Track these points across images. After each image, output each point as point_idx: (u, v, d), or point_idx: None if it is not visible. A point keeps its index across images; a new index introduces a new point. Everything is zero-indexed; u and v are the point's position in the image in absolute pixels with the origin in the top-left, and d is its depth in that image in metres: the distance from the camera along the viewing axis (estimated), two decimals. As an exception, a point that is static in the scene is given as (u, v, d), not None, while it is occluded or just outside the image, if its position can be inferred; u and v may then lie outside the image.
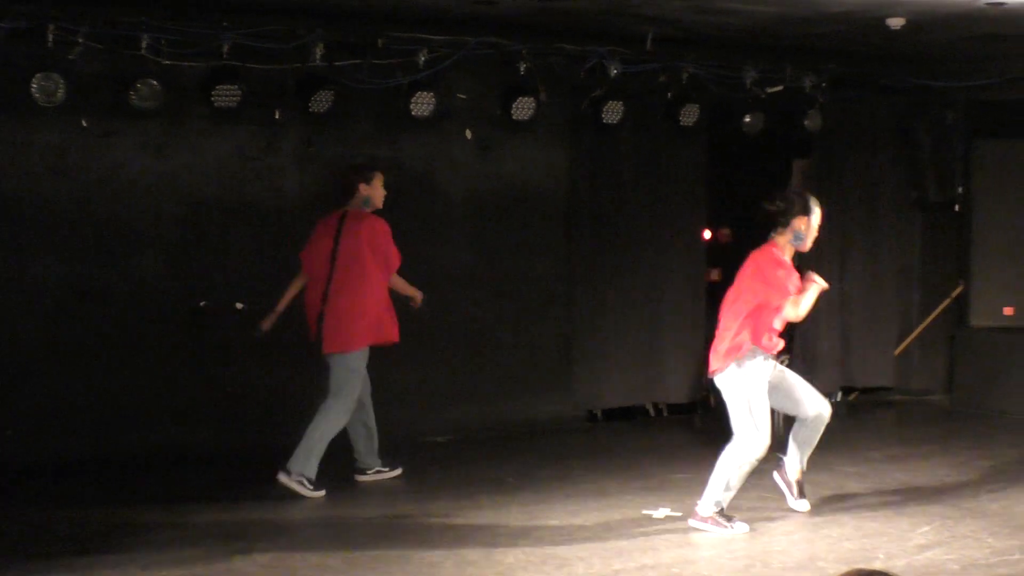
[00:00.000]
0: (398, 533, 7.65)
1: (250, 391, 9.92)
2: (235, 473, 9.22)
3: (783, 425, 8.97)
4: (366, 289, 8.71)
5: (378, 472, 9.01)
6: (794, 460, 8.22)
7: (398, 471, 9.07)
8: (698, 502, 7.81)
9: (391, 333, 8.85)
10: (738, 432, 7.72)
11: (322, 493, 8.46)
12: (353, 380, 8.70)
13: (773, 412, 7.93)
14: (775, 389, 7.88)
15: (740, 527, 7.74)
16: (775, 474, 8.30)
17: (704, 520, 7.75)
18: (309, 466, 8.49)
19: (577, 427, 11.25)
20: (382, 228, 8.80)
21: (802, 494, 8.28)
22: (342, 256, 8.73)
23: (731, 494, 7.79)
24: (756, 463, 7.75)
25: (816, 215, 7.93)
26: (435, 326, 10.13)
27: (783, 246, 7.87)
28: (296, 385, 10.04)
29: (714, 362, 7.79)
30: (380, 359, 10.30)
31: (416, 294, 8.96)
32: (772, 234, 7.88)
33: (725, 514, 7.77)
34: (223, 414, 9.81)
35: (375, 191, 8.86)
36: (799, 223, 7.84)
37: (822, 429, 8.12)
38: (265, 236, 10.00)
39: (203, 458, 9.46)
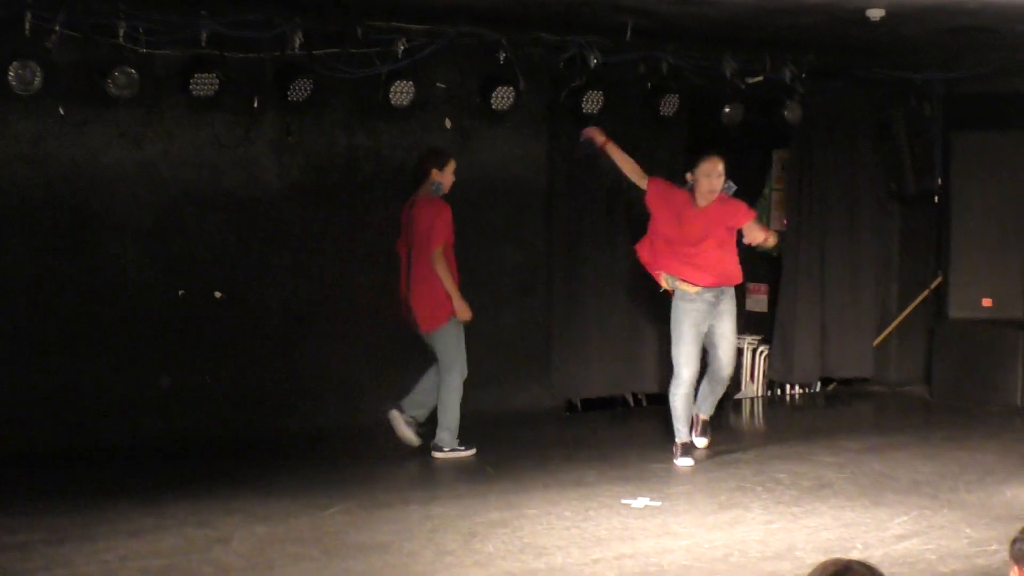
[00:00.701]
0: (376, 522, 7.64)
1: (229, 381, 9.89)
2: (214, 463, 9.20)
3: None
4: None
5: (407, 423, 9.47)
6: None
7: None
8: None
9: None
10: None
11: (473, 451, 9.39)
12: (454, 349, 9.32)
13: None
14: None
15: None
16: None
17: None
18: (454, 437, 9.30)
19: (556, 417, 11.25)
20: (445, 214, 9.19)
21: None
22: (416, 242, 9.18)
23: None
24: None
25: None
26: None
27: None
28: (275, 375, 10.05)
29: None
30: (358, 346, 10.34)
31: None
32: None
33: None
34: (201, 404, 9.78)
35: (446, 177, 9.31)
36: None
37: None
38: (243, 225, 9.97)
39: (182, 448, 9.43)
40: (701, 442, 9.69)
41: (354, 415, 10.21)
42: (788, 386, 12.61)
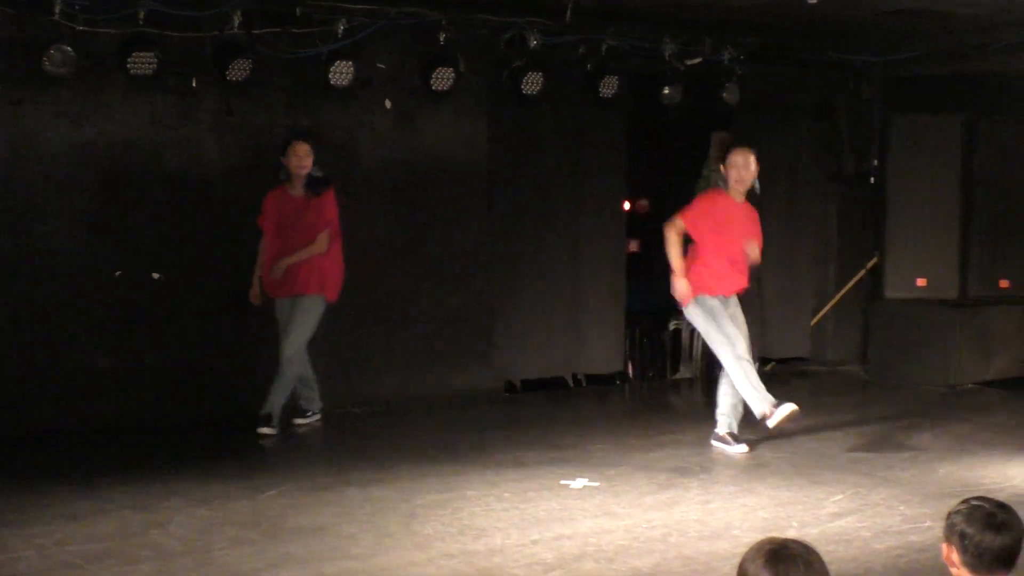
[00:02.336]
0: (316, 505, 7.63)
1: (168, 362, 9.83)
2: (153, 446, 9.16)
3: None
4: None
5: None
6: None
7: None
8: None
9: None
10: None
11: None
12: None
13: None
14: None
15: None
16: None
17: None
18: None
19: (496, 398, 11.27)
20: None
21: None
22: None
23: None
24: None
25: None
26: (355, 297, 10.09)
27: None
28: (215, 357, 9.99)
29: None
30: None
31: None
32: None
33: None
34: (140, 386, 9.72)
35: (288, 160, 9.39)
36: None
37: None
38: (182, 205, 9.89)
39: (120, 431, 9.37)
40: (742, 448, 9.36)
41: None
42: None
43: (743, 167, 9.13)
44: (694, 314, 9.20)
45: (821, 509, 7.71)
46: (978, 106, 12.17)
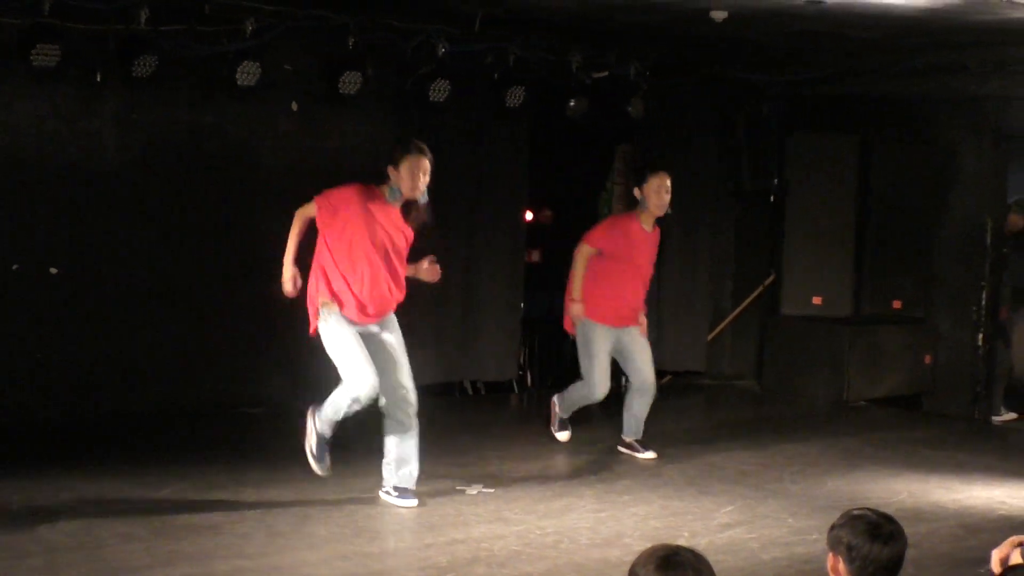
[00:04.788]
0: (208, 504, 7.58)
1: (64, 359, 9.72)
2: (46, 443, 9.05)
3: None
4: None
5: None
6: None
7: None
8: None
9: None
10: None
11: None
12: None
13: None
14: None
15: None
16: None
17: None
18: None
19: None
20: None
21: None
22: None
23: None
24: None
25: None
26: (253, 298, 10.05)
27: None
28: (111, 353, 9.90)
29: None
30: (194, 326, 10.25)
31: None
32: None
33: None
34: (35, 382, 9.60)
35: None
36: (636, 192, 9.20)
37: None
38: (82, 200, 9.78)
39: (11, 428, 9.24)
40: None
41: (189, 396, 10.12)
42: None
43: (664, 192, 9.14)
44: (579, 334, 9.33)
45: (711, 519, 7.81)
46: (874, 127, 12.41)
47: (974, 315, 11.97)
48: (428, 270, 8.02)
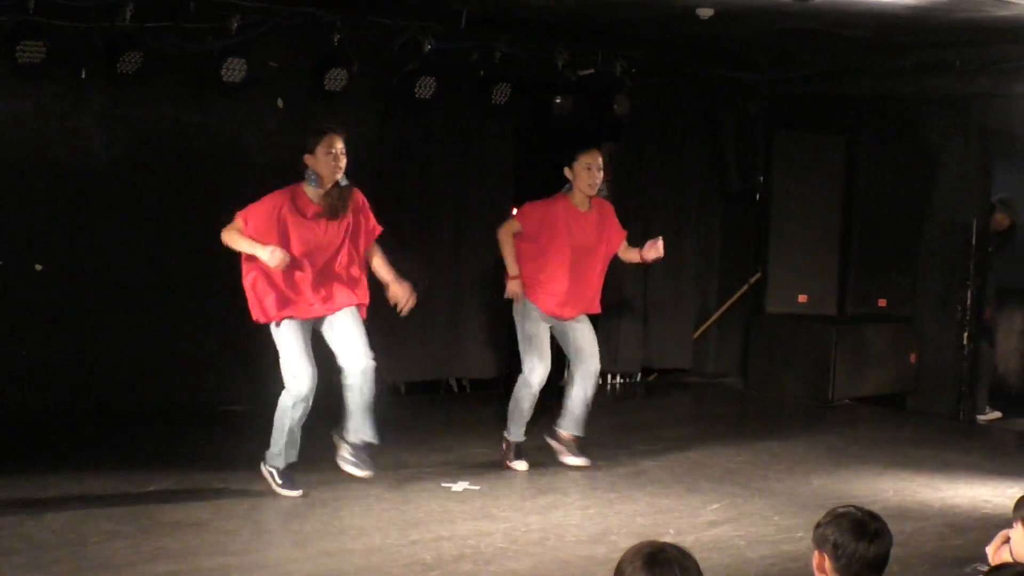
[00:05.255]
0: (193, 500, 7.58)
1: (50, 354, 9.69)
2: (32, 440, 9.01)
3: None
4: None
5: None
6: None
7: None
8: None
9: None
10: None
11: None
12: None
13: None
14: None
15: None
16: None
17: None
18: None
19: (378, 400, 11.21)
20: None
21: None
22: None
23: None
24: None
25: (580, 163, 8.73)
26: (239, 296, 10.02)
27: None
28: (98, 350, 9.88)
29: None
30: (185, 322, 10.22)
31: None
32: None
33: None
34: (20, 379, 9.57)
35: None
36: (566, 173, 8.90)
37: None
38: (67, 197, 9.76)
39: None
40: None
41: (173, 394, 10.10)
42: (609, 376, 12.80)
43: (595, 169, 8.81)
44: (517, 313, 8.92)
45: (697, 517, 7.82)
46: (861, 126, 12.42)
47: (959, 315, 11.98)
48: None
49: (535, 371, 8.78)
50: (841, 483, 8.92)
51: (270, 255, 7.50)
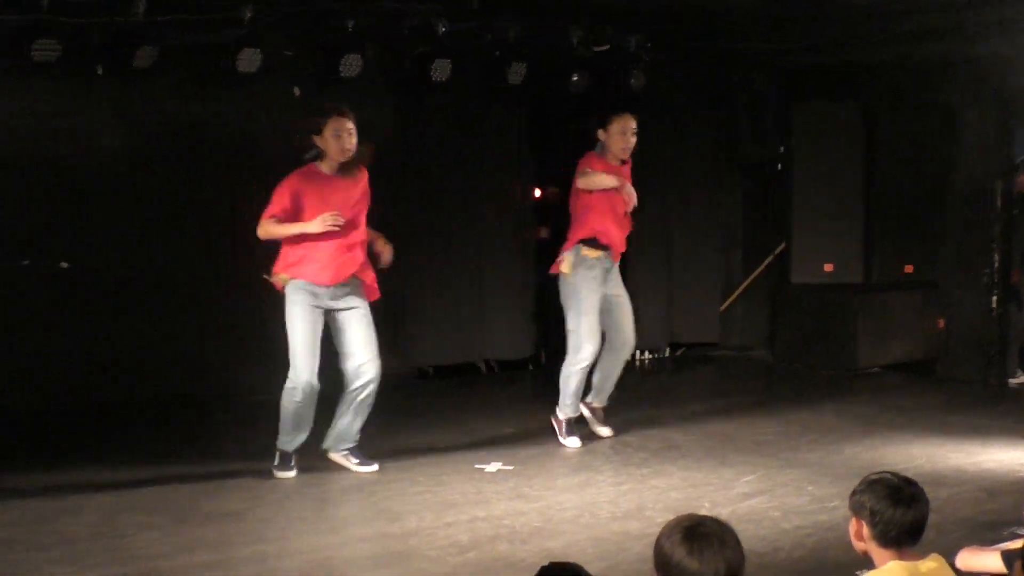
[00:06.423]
0: (227, 491, 7.59)
1: (74, 349, 9.72)
2: (61, 434, 9.05)
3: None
4: None
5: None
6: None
7: None
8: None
9: None
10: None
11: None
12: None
13: None
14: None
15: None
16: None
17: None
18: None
19: (408, 384, 11.26)
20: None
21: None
22: None
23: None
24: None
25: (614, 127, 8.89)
26: (260, 285, 10.02)
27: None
28: (121, 344, 9.90)
29: None
30: (204, 314, 10.23)
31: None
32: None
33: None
34: (48, 373, 9.60)
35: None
36: (599, 134, 8.97)
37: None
38: (86, 194, 9.77)
39: (27, 419, 9.24)
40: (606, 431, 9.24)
41: (201, 385, 10.12)
42: (637, 351, 12.78)
43: (630, 135, 8.92)
44: (569, 286, 8.88)
45: (731, 490, 7.80)
46: (877, 93, 12.35)
47: (986, 278, 11.91)
48: None
49: (589, 345, 8.84)
50: (873, 451, 8.88)
51: (319, 222, 7.63)
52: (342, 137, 7.85)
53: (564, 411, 8.98)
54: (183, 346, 10.14)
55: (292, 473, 7.94)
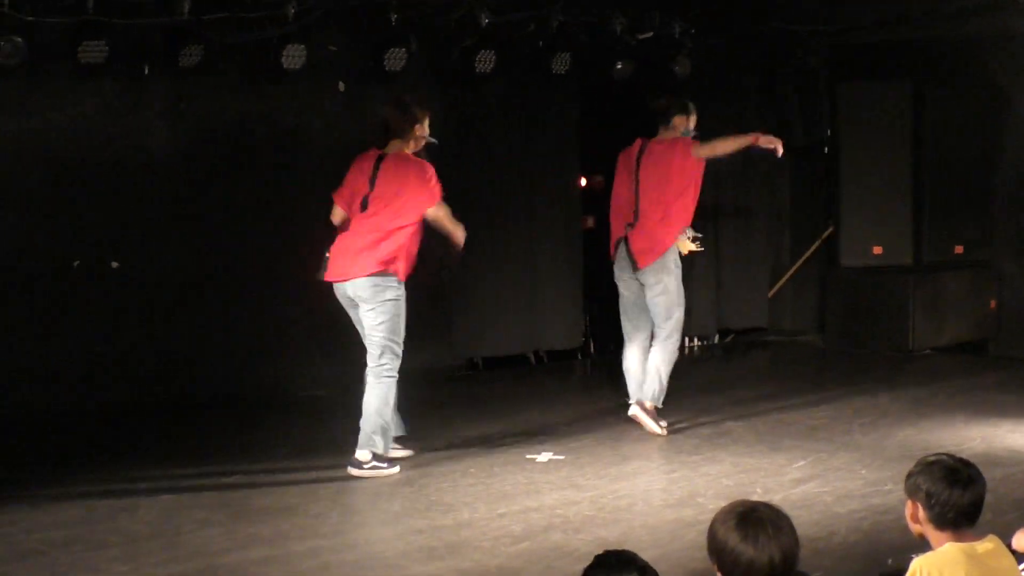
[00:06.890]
0: (281, 486, 7.63)
1: (127, 349, 9.80)
2: (115, 433, 9.12)
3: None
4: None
5: None
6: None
7: None
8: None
9: None
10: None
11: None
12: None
13: None
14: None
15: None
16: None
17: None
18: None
19: (458, 376, 11.30)
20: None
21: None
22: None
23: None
24: None
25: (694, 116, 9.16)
26: (309, 283, 10.08)
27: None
28: (173, 344, 9.97)
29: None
30: (254, 313, 10.29)
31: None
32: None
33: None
34: (102, 372, 9.68)
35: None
36: (679, 121, 9.13)
37: None
38: (135, 194, 9.84)
39: (82, 418, 9.32)
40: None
41: (252, 383, 10.17)
42: (686, 338, 12.75)
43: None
44: (662, 269, 9.22)
45: (783, 475, 7.79)
46: (925, 73, 12.25)
47: (1037, 256, 11.84)
48: None
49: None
50: (927, 433, 8.84)
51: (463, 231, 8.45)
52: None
53: (662, 393, 8.97)
54: (234, 344, 10.20)
55: (396, 469, 7.94)
